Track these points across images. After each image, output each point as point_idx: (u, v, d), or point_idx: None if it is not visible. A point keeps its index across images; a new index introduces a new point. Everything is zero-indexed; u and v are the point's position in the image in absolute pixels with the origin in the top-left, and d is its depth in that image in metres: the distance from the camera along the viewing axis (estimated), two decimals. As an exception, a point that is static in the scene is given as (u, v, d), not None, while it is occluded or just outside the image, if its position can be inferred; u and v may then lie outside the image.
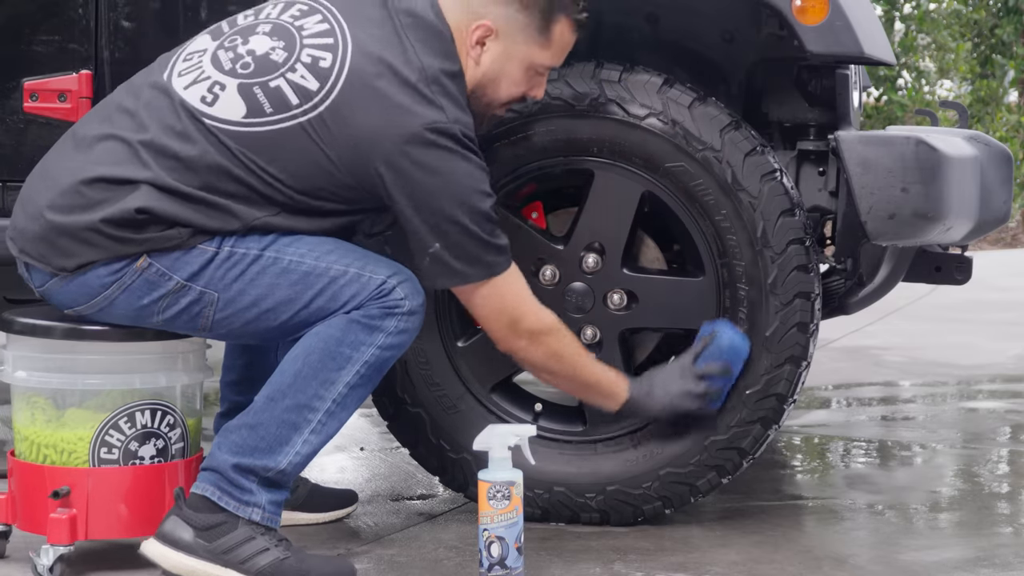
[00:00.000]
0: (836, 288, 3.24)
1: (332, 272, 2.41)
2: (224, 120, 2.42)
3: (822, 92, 2.93)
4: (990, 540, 2.85)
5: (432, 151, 2.39)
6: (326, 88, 2.41)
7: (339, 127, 2.40)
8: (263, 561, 2.37)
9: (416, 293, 2.44)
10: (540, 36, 2.55)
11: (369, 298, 2.40)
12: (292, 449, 2.40)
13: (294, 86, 2.42)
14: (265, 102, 2.42)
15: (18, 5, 3.05)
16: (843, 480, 3.45)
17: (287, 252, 2.42)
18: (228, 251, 2.41)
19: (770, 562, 2.65)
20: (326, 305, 2.40)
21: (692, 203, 2.78)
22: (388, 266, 2.45)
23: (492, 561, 2.42)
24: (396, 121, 2.39)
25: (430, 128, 2.39)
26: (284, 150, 2.41)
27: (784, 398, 2.79)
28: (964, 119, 3.31)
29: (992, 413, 4.37)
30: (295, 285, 2.41)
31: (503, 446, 2.46)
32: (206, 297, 2.41)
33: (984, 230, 2.79)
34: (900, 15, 11.16)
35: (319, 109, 2.41)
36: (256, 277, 2.41)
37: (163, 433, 2.51)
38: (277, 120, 2.41)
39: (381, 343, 2.40)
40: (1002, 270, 8.29)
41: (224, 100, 2.43)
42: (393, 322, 2.41)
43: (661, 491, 2.84)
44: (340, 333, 2.40)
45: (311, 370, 2.39)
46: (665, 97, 2.77)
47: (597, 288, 2.84)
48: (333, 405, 2.41)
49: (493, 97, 2.58)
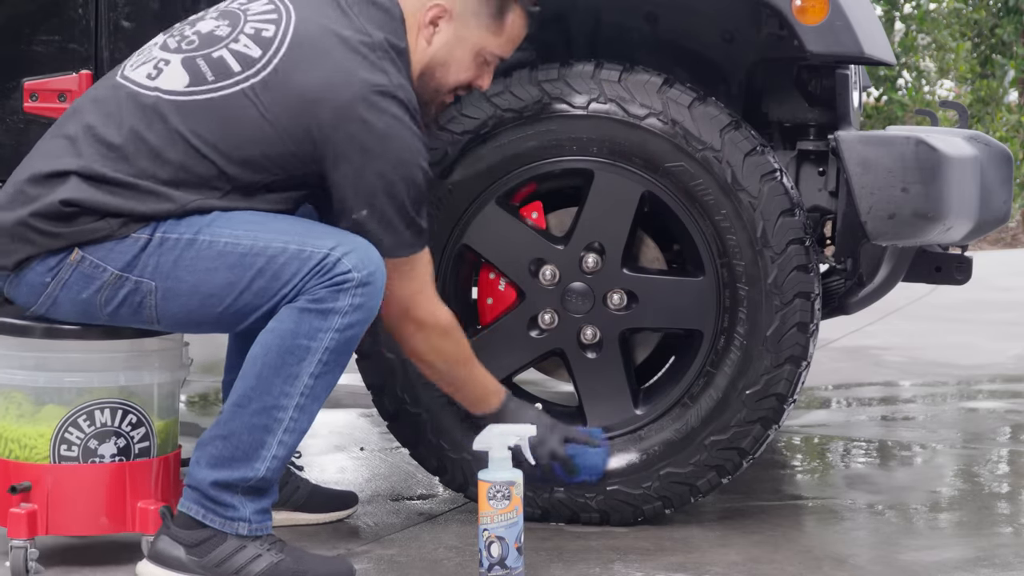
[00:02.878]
0: (836, 288, 3.24)
1: (271, 250, 2.35)
2: (167, 91, 2.41)
3: (822, 92, 2.93)
4: (990, 540, 2.85)
5: (375, 112, 2.37)
6: (269, 54, 2.41)
7: (281, 91, 2.39)
8: (258, 567, 2.37)
9: (365, 261, 2.36)
10: (493, 23, 2.57)
11: (312, 273, 2.34)
12: (268, 453, 2.36)
13: (236, 54, 2.43)
14: (207, 71, 2.42)
15: (18, 5, 3.05)
16: (843, 480, 3.45)
17: (223, 234, 2.37)
18: (161, 237, 2.37)
19: (770, 562, 2.65)
20: (269, 285, 2.35)
21: (692, 203, 2.78)
22: (331, 236, 2.38)
23: (492, 561, 2.42)
24: (340, 81, 2.38)
25: (375, 89, 2.38)
26: (224, 119, 2.39)
27: (784, 398, 2.79)
28: (964, 119, 3.31)
29: (992, 413, 4.37)
30: (233, 268, 2.36)
31: (503, 446, 2.46)
32: (143, 287, 2.38)
33: (984, 230, 2.79)
34: (900, 15, 11.17)
35: (261, 75, 2.40)
36: (192, 262, 2.36)
37: (124, 432, 2.50)
38: (219, 87, 2.40)
39: (338, 325, 2.35)
40: (1002, 270, 8.29)
41: (167, 73, 2.43)
42: (346, 299, 2.34)
43: (661, 491, 2.84)
44: (293, 325, 2.34)
45: (271, 369, 2.35)
46: (665, 97, 2.77)
47: (597, 288, 2.84)
48: (302, 399, 2.36)
49: (442, 81, 2.59)
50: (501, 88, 2.81)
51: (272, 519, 2.44)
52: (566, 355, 2.87)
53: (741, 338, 2.78)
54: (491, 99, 2.81)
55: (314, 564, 2.42)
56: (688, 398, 2.84)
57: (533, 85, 2.80)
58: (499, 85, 2.81)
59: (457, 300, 2.92)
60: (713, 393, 2.81)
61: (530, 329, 2.87)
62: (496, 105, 2.80)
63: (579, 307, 2.84)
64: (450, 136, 2.82)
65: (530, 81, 2.80)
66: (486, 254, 2.87)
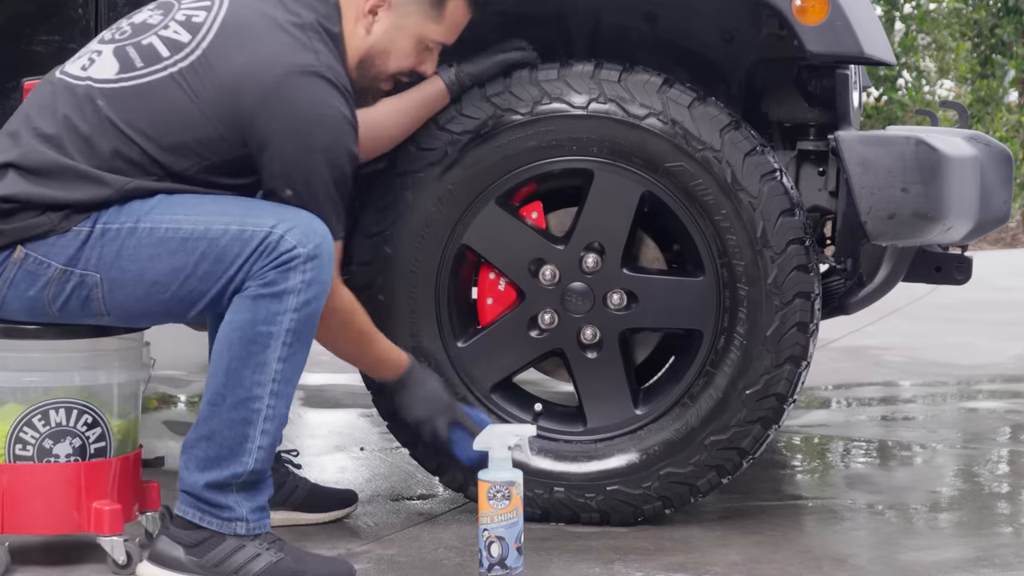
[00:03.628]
0: (836, 288, 3.24)
1: (212, 232, 2.35)
2: (97, 79, 2.42)
3: (822, 92, 2.93)
4: (990, 540, 2.85)
5: (300, 92, 2.37)
6: (198, 38, 2.42)
7: (208, 74, 2.39)
8: (257, 566, 2.37)
9: (309, 235, 2.34)
10: (433, 10, 2.57)
11: (257, 254, 2.33)
12: (252, 445, 2.36)
13: (166, 40, 2.44)
14: (136, 57, 2.43)
15: (18, 5, 3.06)
16: (843, 480, 3.45)
17: (163, 220, 2.36)
18: (102, 228, 2.37)
19: (770, 562, 2.65)
20: (213, 268, 2.35)
21: (692, 203, 2.78)
22: (272, 214, 2.37)
23: (492, 561, 2.42)
24: (265, 62, 2.38)
25: (300, 69, 2.38)
26: (153, 104, 2.40)
27: (784, 398, 2.79)
28: (964, 119, 3.31)
29: (992, 413, 4.37)
30: (175, 253, 2.35)
31: (503, 446, 2.46)
32: (89, 279, 2.38)
33: (984, 230, 2.79)
34: (900, 15, 11.16)
35: (189, 59, 2.41)
36: (134, 251, 2.36)
37: (80, 432, 2.51)
38: (147, 73, 2.42)
39: (295, 305, 2.34)
40: (1002, 270, 8.29)
41: (99, 63, 2.45)
42: (296, 277, 2.33)
43: (661, 491, 2.84)
44: (250, 314, 2.33)
45: (238, 362, 2.34)
46: (665, 97, 2.77)
47: (597, 288, 2.84)
48: (274, 385, 2.35)
49: (381, 69, 2.58)
50: (501, 88, 2.82)
51: (270, 517, 2.45)
52: (566, 355, 2.87)
53: (741, 338, 2.78)
54: (491, 99, 2.81)
55: (314, 563, 2.42)
56: (688, 398, 2.84)
57: (533, 85, 2.80)
58: (499, 85, 2.82)
59: (457, 300, 2.92)
60: (713, 393, 2.81)
61: (530, 329, 2.87)
62: (496, 105, 2.80)
63: (579, 307, 2.84)
64: (450, 136, 2.81)
65: (530, 81, 2.81)
66: (486, 254, 2.87)
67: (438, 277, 2.87)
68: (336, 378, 4.77)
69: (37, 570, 2.51)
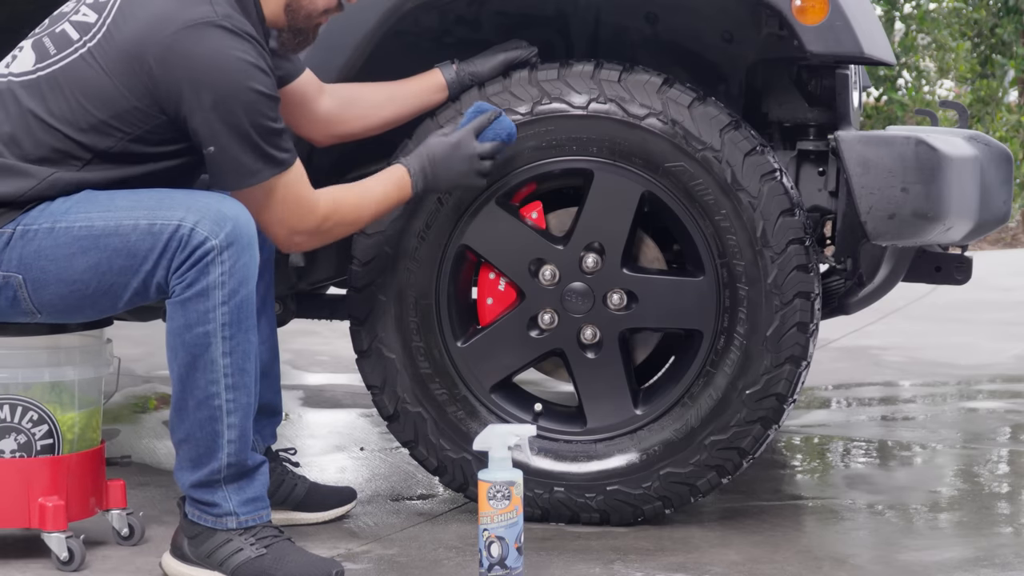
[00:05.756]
0: (836, 288, 3.24)
1: (123, 228, 2.38)
2: (17, 74, 2.48)
3: (822, 92, 2.93)
4: (990, 540, 2.85)
5: (195, 44, 2.36)
6: (103, 16, 2.45)
7: (113, 47, 2.41)
8: (237, 560, 2.44)
9: (219, 222, 2.36)
10: None
11: (171, 249, 2.36)
12: (223, 440, 2.41)
13: (76, 24, 2.47)
14: (50, 46, 2.47)
15: (18, 5, 3.05)
16: (843, 480, 3.45)
17: (78, 219, 2.40)
18: (22, 230, 2.41)
19: (770, 562, 2.65)
20: (128, 263, 2.38)
21: (692, 203, 2.78)
22: (181, 205, 2.38)
23: (492, 561, 2.42)
24: (162, 19, 2.38)
25: (196, 22, 2.38)
26: (68, 88, 2.43)
27: (784, 398, 2.79)
28: (964, 119, 3.31)
29: (992, 413, 4.37)
30: (89, 251, 2.39)
31: (503, 446, 2.46)
32: (12, 280, 2.42)
33: (984, 230, 2.79)
34: (900, 15, 11.16)
35: (96, 37, 2.44)
36: (52, 251, 2.40)
37: (25, 428, 2.54)
38: (60, 59, 2.45)
39: (221, 299, 2.37)
40: (1002, 270, 8.29)
41: (20, 57, 2.50)
42: (216, 270, 2.36)
43: (661, 491, 2.84)
44: (183, 319, 2.37)
45: (186, 367, 2.39)
46: (665, 97, 2.77)
47: (597, 288, 2.84)
48: (228, 379, 2.40)
49: (310, 8, 2.59)
50: (500, 88, 2.82)
51: (269, 507, 2.49)
52: (566, 355, 2.88)
53: (741, 338, 2.78)
54: (490, 99, 2.81)
55: (296, 560, 2.44)
56: (688, 398, 2.84)
57: (533, 85, 2.80)
58: (498, 85, 2.82)
59: (457, 300, 2.92)
60: (713, 393, 2.81)
61: (530, 329, 2.87)
62: (496, 105, 2.80)
63: (579, 307, 2.84)
64: (450, 136, 2.81)
65: (530, 81, 2.81)
66: (486, 254, 2.87)
67: (438, 277, 2.87)
68: (336, 378, 4.77)
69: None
